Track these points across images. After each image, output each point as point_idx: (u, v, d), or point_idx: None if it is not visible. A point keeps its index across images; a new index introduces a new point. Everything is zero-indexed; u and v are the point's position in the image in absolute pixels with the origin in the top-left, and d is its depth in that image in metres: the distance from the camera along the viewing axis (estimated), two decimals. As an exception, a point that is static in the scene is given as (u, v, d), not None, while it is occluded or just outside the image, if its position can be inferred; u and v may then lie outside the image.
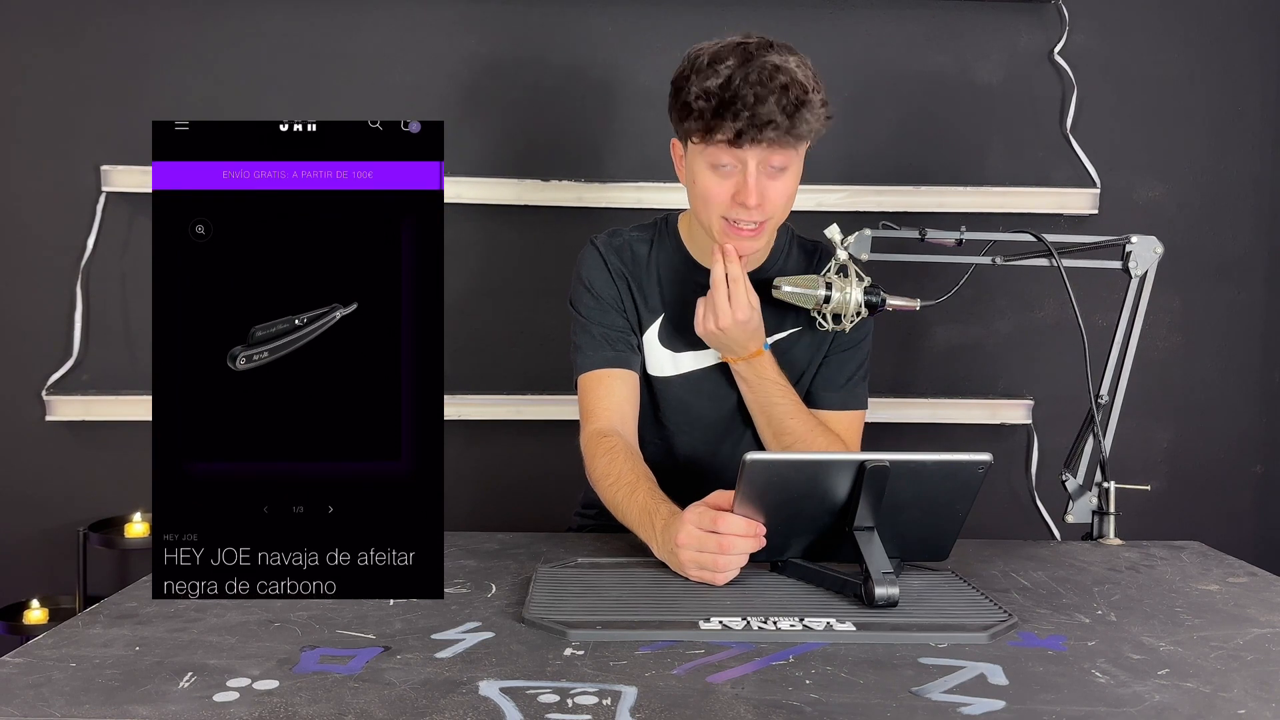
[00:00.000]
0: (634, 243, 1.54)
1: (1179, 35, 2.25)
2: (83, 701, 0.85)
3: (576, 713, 0.83)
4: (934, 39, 2.24)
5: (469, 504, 2.19)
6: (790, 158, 1.35)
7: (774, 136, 1.30)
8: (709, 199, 1.38)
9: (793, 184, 1.39)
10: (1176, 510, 2.26)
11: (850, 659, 0.96)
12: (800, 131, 1.31)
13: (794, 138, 1.32)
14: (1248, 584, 1.25)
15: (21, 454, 2.19)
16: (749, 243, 1.40)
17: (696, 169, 1.38)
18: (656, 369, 1.53)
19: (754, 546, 1.16)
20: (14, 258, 2.18)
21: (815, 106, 1.32)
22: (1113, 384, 1.53)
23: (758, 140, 1.30)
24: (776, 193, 1.36)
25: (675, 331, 1.52)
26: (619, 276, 1.52)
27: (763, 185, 1.35)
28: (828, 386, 1.54)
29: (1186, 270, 2.24)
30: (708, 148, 1.34)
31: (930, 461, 1.16)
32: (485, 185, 2.17)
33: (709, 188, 1.37)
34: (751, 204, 1.34)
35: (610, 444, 1.41)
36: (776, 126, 1.29)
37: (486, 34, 2.21)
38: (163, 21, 2.17)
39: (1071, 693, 0.89)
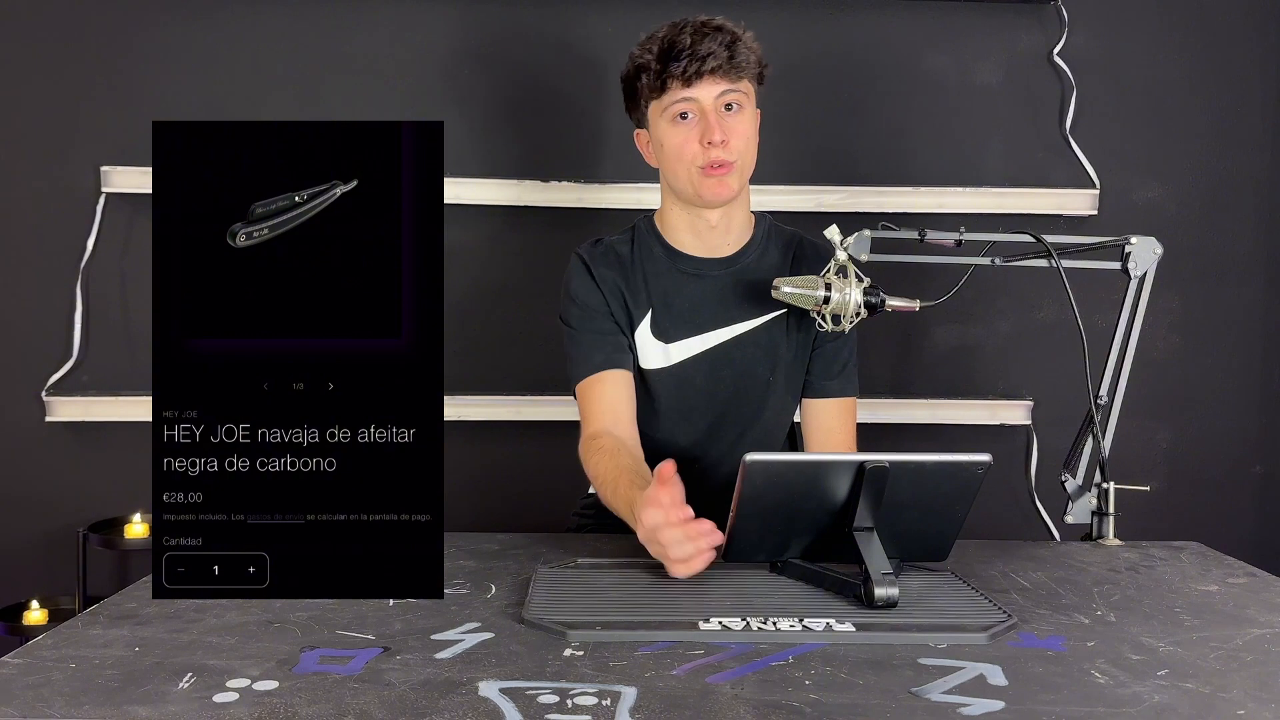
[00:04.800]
0: (616, 245, 1.59)
1: (1178, 36, 2.25)
2: (82, 702, 0.85)
3: (576, 713, 0.83)
4: (934, 39, 2.24)
5: (469, 504, 2.18)
6: (741, 98, 1.47)
7: (717, 66, 1.43)
8: (680, 152, 1.47)
9: (751, 125, 1.49)
10: (1176, 511, 2.26)
11: (850, 659, 0.96)
12: (739, 61, 1.44)
13: (735, 68, 1.45)
14: (1247, 584, 1.25)
15: (21, 454, 2.19)
16: (726, 182, 1.47)
17: (661, 131, 1.49)
18: (649, 362, 1.55)
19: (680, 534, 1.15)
20: (14, 258, 2.18)
21: (748, 41, 1.47)
22: (1112, 384, 1.53)
23: (703, 73, 1.43)
24: (738, 131, 1.47)
25: (665, 320, 1.55)
26: (604, 281, 1.55)
27: (724, 123, 1.45)
28: (825, 375, 1.60)
29: (1186, 270, 2.24)
30: (664, 101, 1.46)
31: (930, 462, 1.16)
32: (485, 186, 2.17)
33: (676, 142, 1.47)
34: (718, 139, 1.44)
35: (598, 444, 1.44)
36: (716, 57, 1.43)
37: (486, 34, 2.21)
38: (163, 21, 2.17)
39: (1071, 693, 0.89)
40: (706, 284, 1.56)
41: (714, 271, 1.56)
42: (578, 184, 2.18)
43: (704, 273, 1.56)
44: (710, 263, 1.56)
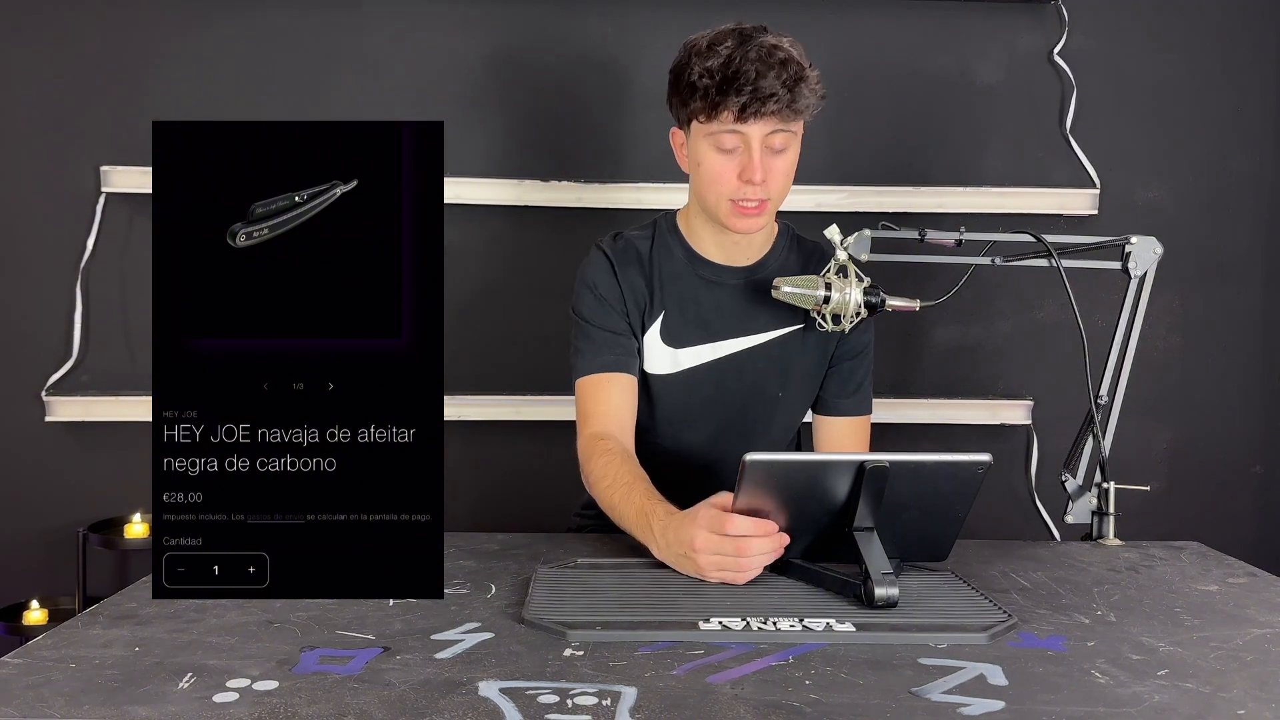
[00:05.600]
0: (636, 241, 1.56)
1: (1178, 36, 2.25)
2: (82, 702, 0.85)
3: (576, 713, 0.83)
4: (934, 39, 2.24)
5: (469, 504, 2.19)
6: (789, 139, 1.41)
7: (776, 109, 1.35)
8: (716, 180, 1.42)
9: (792, 163, 1.44)
10: (1176, 510, 2.26)
11: (850, 659, 0.96)
12: (800, 105, 1.37)
13: (794, 111, 1.37)
14: (1247, 584, 1.25)
15: (21, 454, 2.19)
16: (755, 220, 1.44)
17: (701, 152, 1.43)
18: (656, 367, 1.53)
19: (770, 547, 1.16)
20: (14, 258, 2.19)
21: (812, 82, 1.39)
22: (1112, 384, 1.53)
23: (761, 114, 1.35)
24: (779, 170, 1.42)
25: (677, 325, 1.53)
26: (625, 278, 1.52)
27: (766, 161, 1.40)
28: (841, 394, 1.59)
29: (1186, 270, 2.24)
30: (712, 127, 1.39)
31: (930, 462, 1.16)
32: (485, 186, 2.17)
33: (715, 169, 1.41)
34: (758, 180, 1.39)
35: (606, 446, 1.42)
36: (778, 99, 1.35)
37: (487, 34, 2.21)
38: (163, 22, 2.17)
39: (1071, 693, 0.89)
40: (723, 291, 1.53)
41: (732, 280, 1.53)
42: (578, 184, 2.18)
43: (722, 280, 1.53)
44: (729, 270, 1.54)
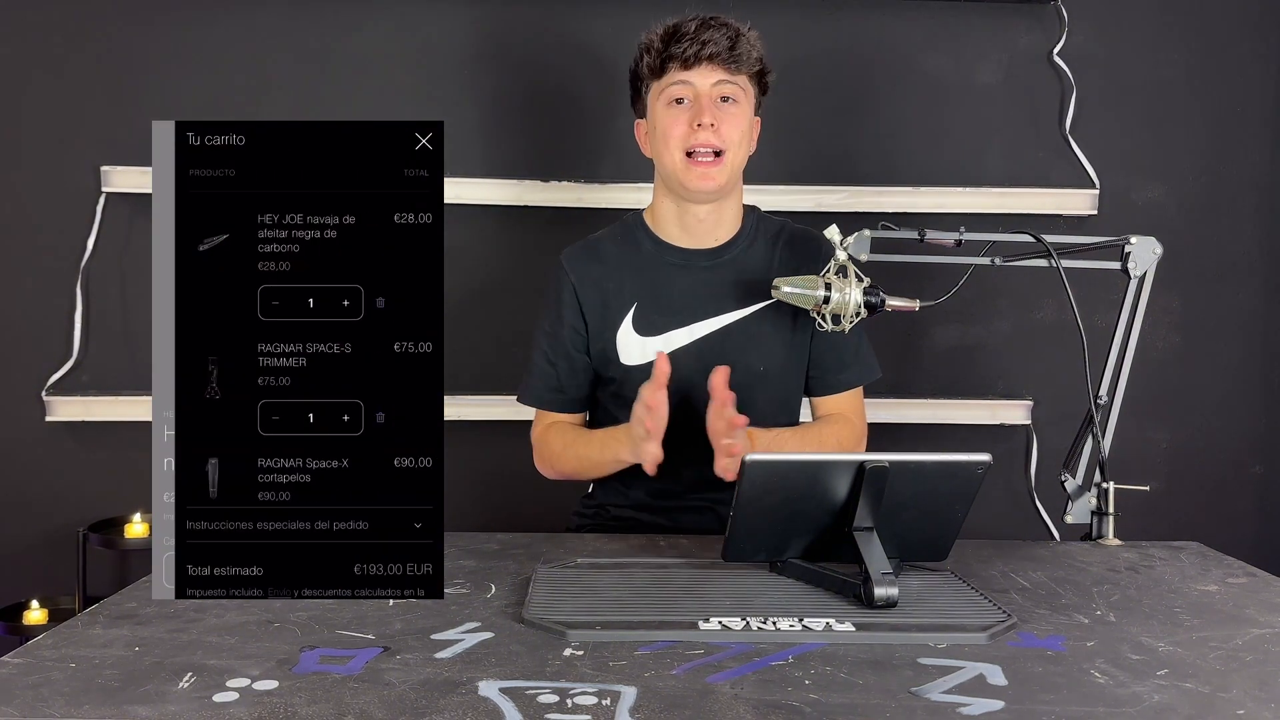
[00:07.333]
0: (602, 243, 1.61)
1: (1178, 36, 2.25)
2: (82, 702, 0.85)
3: (576, 713, 0.83)
4: (934, 39, 2.24)
5: (469, 504, 2.19)
6: (737, 91, 1.50)
7: (716, 53, 1.47)
8: (669, 134, 1.50)
9: (744, 120, 1.51)
10: (1176, 511, 2.26)
11: (849, 659, 0.96)
12: (739, 54, 1.48)
13: (735, 60, 1.48)
14: (1247, 584, 1.25)
15: (21, 454, 2.19)
16: (712, 173, 1.49)
17: (657, 114, 1.52)
18: (629, 358, 1.56)
19: None
20: (14, 258, 2.19)
21: (752, 40, 1.51)
22: (1112, 384, 1.53)
23: (701, 58, 1.47)
24: (730, 118, 1.49)
25: (651, 313, 1.56)
26: (583, 285, 1.57)
27: (716, 110, 1.48)
28: (840, 368, 1.61)
29: (1186, 270, 2.24)
30: (662, 83, 1.50)
31: (929, 462, 1.16)
32: (485, 186, 2.17)
33: (668, 124, 1.50)
34: (707, 121, 1.47)
35: (556, 422, 1.60)
36: (717, 44, 1.47)
37: (486, 34, 2.21)
38: (163, 22, 2.17)
39: (1071, 693, 0.89)
40: (693, 275, 1.57)
41: (701, 263, 1.57)
42: (578, 184, 2.18)
43: (691, 264, 1.57)
44: (697, 254, 1.57)
